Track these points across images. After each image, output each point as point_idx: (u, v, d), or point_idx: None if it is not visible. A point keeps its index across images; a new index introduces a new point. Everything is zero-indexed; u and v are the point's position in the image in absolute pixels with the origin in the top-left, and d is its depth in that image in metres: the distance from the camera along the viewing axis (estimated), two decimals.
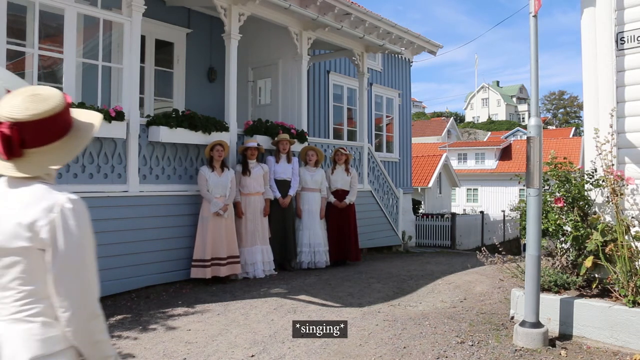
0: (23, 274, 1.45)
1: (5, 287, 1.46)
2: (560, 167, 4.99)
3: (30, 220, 1.43)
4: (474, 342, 4.30)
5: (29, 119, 1.47)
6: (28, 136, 1.48)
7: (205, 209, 6.55)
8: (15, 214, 1.45)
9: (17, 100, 1.49)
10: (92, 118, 1.65)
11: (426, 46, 13.79)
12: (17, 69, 6.56)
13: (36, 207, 1.45)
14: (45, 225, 1.43)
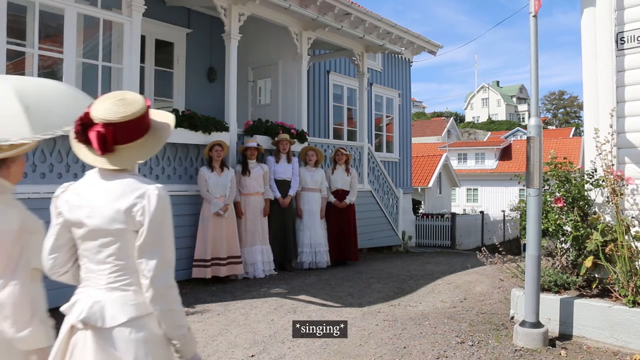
0: (118, 251, 1.76)
1: (103, 261, 1.77)
2: (560, 167, 4.99)
3: (127, 206, 1.73)
4: (474, 342, 4.31)
5: (119, 120, 1.74)
6: (118, 135, 1.75)
7: (205, 209, 6.55)
8: (113, 201, 1.74)
9: (108, 104, 1.76)
10: (167, 118, 1.91)
11: (426, 46, 13.79)
12: (17, 69, 6.56)
13: (131, 196, 1.74)
14: (139, 210, 1.73)
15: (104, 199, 1.77)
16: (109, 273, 1.77)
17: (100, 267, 1.78)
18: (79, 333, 1.74)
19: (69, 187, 1.89)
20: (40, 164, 5.32)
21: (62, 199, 1.88)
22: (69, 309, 1.80)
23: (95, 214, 1.76)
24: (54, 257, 1.90)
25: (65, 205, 1.86)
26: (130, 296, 1.76)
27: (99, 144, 1.74)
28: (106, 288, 1.77)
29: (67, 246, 1.89)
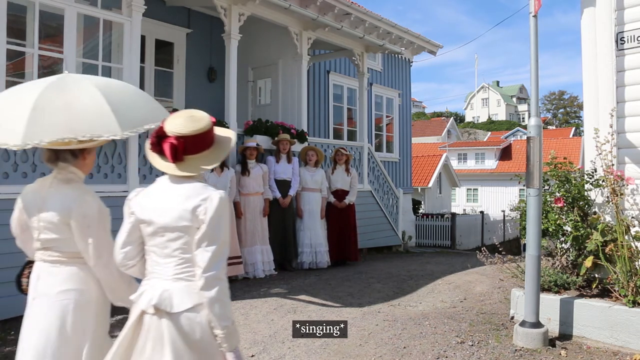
0: (184, 246, 2.04)
1: (169, 255, 2.06)
2: (560, 167, 4.99)
3: (193, 206, 2.01)
4: (474, 342, 4.31)
5: (189, 134, 2.04)
6: (188, 146, 2.05)
7: None
8: (181, 202, 2.03)
9: (180, 120, 2.07)
10: (228, 133, 2.24)
11: (426, 46, 13.80)
12: (17, 69, 6.56)
13: (197, 198, 2.03)
14: (201, 209, 2.01)
15: (173, 200, 2.06)
16: (175, 265, 2.06)
17: (166, 260, 2.07)
18: (148, 317, 2.02)
19: (140, 192, 2.18)
20: (40, 164, 5.32)
21: (135, 201, 2.15)
22: (138, 297, 2.08)
23: (165, 213, 2.05)
24: (125, 252, 2.17)
25: (137, 206, 2.13)
26: (193, 285, 2.02)
27: (171, 153, 2.05)
28: (172, 279, 2.05)
29: (136, 242, 2.16)
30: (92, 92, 2.26)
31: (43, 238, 2.35)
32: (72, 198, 2.30)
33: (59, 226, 2.29)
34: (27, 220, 2.43)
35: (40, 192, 2.42)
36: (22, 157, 5.17)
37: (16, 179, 5.10)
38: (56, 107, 2.19)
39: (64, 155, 2.38)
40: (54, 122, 2.14)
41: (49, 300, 2.30)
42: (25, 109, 2.16)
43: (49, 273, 2.35)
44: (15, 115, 2.18)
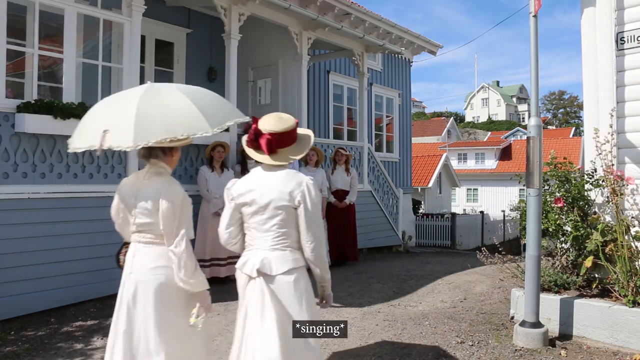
0: (281, 222, 2.58)
1: (268, 230, 2.59)
2: (560, 167, 4.99)
3: (289, 189, 2.57)
4: (474, 342, 4.31)
5: (280, 131, 2.62)
6: (279, 141, 2.63)
7: (204, 209, 6.54)
8: (279, 186, 2.58)
9: (271, 120, 2.66)
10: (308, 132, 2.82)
11: (426, 46, 13.79)
12: (17, 69, 6.56)
13: (292, 182, 2.60)
14: (298, 193, 2.57)
15: (271, 184, 2.61)
16: (272, 238, 2.59)
17: (265, 234, 2.60)
18: (253, 280, 2.58)
19: (237, 181, 2.77)
20: (41, 164, 5.32)
21: (234, 189, 2.72)
22: (243, 265, 2.66)
23: (266, 195, 2.59)
24: (229, 232, 2.75)
25: (236, 193, 2.69)
26: (287, 254, 2.59)
27: (266, 147, 2.62)
28: (270, 249, 2.59)
29: (237, 223, 2.72)
30: (180, 97, 2.67)
31: (138, 222, 2.77)
32: (162, 188, 2.71)
33: (152, 212, 2.70)
34: (124, 207, 2.87)
35: (136, 183, 2.82)
36: (22, 157, 5.17)
37: (16, 179, 5.10)
38: (154, 113, 2.61)
39: (156, 152, 2.80)
40: (155, 126, 2.56)
41: (145, 275, 2.71)
42: (129, 117, 2.58)
43: (143, 252, 2.77)
44: (122, 122, 2.60)
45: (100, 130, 2.65)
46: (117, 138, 2.58)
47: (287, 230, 2.60)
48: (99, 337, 4.50)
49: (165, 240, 2.70)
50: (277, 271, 2.55)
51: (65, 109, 5.34)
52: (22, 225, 5.06)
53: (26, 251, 5.07)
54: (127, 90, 3.07)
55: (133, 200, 2.78)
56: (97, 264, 5.66)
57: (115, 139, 2.58)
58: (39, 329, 4.73)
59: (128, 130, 2.55)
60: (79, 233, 5.51)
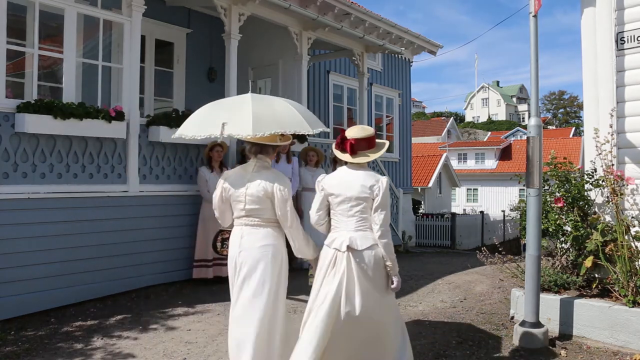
0: (362, 209, 3.18)
1: (352, 215, 3.20)
2: (560, 167, 4.99)
3: (370, 184, 3.17)
4: (474, 342, 4.30)
5: (359, 137, 3.26)
6: (361, 145, 3.26)
7: (206, 209, 6.53)
8: (360, 181, 3.19)
9: (355, 130, 3.31)
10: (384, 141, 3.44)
11: (426, 46, 13.79)
12: (17, 69, 6.56)
13: (371, 180, 3.19)
14: (376, 188, 3.17)
15: (354, 180, 3.21)
16: (356, 222, 3.21)
17: (349, 219, 3.22)
18: (340, 254, 3.16)
19: (326, 176, 3.38)
20: (40, 164, 5.32)
21: (323, 182, 3.33)
22: (332, 242, 3.25)
23: (350, 188, 3.20)
24: (319, 215, 3.39)
25: (326, 185, 3.31)
26: (368, 234, 3.19)
27: (350, 150, 3.25)
28: (354, 230, 3.20)
29: (325, 209, 3.37)
30: (286, 104, 3.49)
31: (248, 208, 3.35)
32: (272, 180, 3.34)
33: (261, 199, 3.32)
34: (229, 196, 3.43)
35: (245, 175, 3.40)
36: (22, 157, 5.17)
37: (16, 179, 5.10)
38: (267, 113, 3.34)
39: (266, 149, 3.44)
40: (269, 122, 3.27)
41: (254, 251, 3.34)
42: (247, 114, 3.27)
43: (250, 233, 3.36)
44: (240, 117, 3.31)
45: (219, 123, 3.34)
46: (236, 128, 3.31)
47: (367, 216, 3.20)
48: (99, 337, 4.50)
49: (282, 223, 3.39)
50: (362, 247, 3.16)
51: (65, 109, 5.34)
52: (22, 225, 5.06)
53: (26, 251, 5.07)
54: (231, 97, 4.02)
55: (243, 189, 3.36)
56: (97, 264, 5.66)
57: (235, 129, 3.32)
58: (39, 329, 4.73)
59: (247, 123, 3.24)
60: (79, 233, 5.51)
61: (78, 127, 5.48)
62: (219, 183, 3.51)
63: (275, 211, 3.34)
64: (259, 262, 3.35)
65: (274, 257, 3.40)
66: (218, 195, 3.49)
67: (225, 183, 3.46)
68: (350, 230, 3.20)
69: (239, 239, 3.39)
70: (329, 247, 3.28)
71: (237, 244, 3.39)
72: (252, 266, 3.36)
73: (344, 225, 3.24)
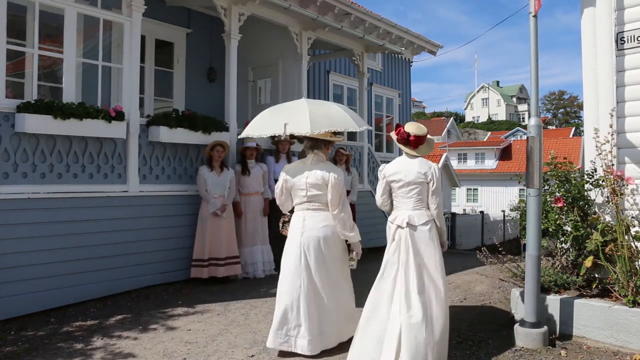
0: (419, 192, 3.85)
1: (410, 197, 3.85)
2: (560, 167, 4.99)
3: (424, 171, 3.83)
4: (474, 342, 4.30)
5: (419, 135, 3.90)
6: (418, 141, 3.91)
7: (204, 209, 6.54)
8: (416, 168, 3.85)
9: (414, 127, 3.95)
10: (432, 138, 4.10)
11: (426, 46, 13.78)
12: (17, 69, 6.56)
13: (425, 166, 3.87)
14: (430, 174, 3.84)
15: (411, 167, 3.89)
16: (414, 202, 3.89)
17: (408, 200, 3.90)
18: (401, 229, 3.85)
19: (386, 165, 4.03)
20: (40, 164, 5.32)
21: (385, 170, 3.99)
22: (394, 219, 3.91)
23: (409, 175, 3.87)
24: (383, 198, 4.04)
25: (388, 173, 3.97)
26: (423, 212, 3.88)
27: (412, 144, 3.94)
28: (412, 209, 3.88)
29: (387, 192, 4.02)
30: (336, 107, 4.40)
31: (309, 194, 4.08)
32: (328, 170, 4.09)
33: (321, 186, 4.04)
34: (290, 186, 4.15)
35: (304, 167, 4.14)
36: (22, 157, 5.17)
37: (16, 179, 5.10)
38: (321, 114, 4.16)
39: (320, 144, 4.18)
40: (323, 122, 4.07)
41: (316, 231, 4.03)
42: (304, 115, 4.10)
43: (312, 216, 4.08)
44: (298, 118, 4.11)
45: (281, 123, 4.14)
46: (297, 128, 4.09)
47: (422, 197, 3.89)
48: (99, 337, 4.50)
49: (331, 205, 4.04)
50: (418, 222, 3.83)
51: (65, 109, 5.34)
52: (22, 225, 5.06)
53: (26, 251, 5.07)
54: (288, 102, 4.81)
55: (304, 179, 4.08)
56: (97, 264, 5.66)
57: (295, 128, 4.10)
58: (38, 329, 4.73)
59: (305, 123, 4.04)
60: (79, 233, 5.51)
61: (78, 127, 5.48)
62: (280, 176, 4.21)
63: (329, 196, 4.03)
64: (322, 239, 4.03)
65: (333, 234, 4.08)
66: (280, 186, 4.20)
67: (286, 175, 4.17)
68: (409, 209, 3.88)
69: (302, 221, 4.08)
70: (392, 224, 3.94)
71: (301, 226, 4.07)
72: (318, 244, 4.02)
73: (404, 205, 3.91)
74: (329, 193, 4.01)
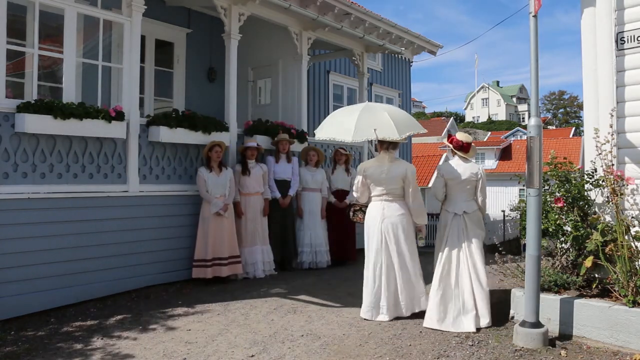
0: (470, 188, 4.98)
1: (465, 191, 4.96)
2: (560, 167, 4.99)
3: (475, 171, 4.97)
4: (474, 342, 4.31)
5: (469, 142, 5.06)
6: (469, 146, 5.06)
7: (205, 210, 6.54)
8: (469, 170, 4.96)
9: (465, 136, 5.10)
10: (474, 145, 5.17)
11: (426, 46, 13.76)
12: (17, 69, 6.57)
13: (475, 168, 5.00)
14: (479, 174, 4.99)
15: (465, 169, 4.93)
16: (466, 196, 4.94)
17: (463, 194, 4.93)
18: (458, 216, 4.88)
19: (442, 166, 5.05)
20: (40, 164, 5.32)
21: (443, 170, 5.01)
22: (451, 208, 4.92)
23: (464, 174, 4.89)
24: (443, 191, 4.99)
25: (445, 172, 4.96)
26: (473, 203, 4.95)
27: (464, 149, 5.00)
28: (465, 201, 4.93)
29: (444, 188, 4.99)
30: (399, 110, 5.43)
31: (388, 188, 4.97)
32: (404, 167, 5.05)
33: (397, 181, 4.96)
34: (369, 182, 5.02)
35: (382, 165, 4.99)
36: (22, 157, 5.17)
37: (16, 179, 5.10)
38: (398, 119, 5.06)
39: (394, 145, 5.06)
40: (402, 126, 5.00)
41: (394, 219, 4.96)
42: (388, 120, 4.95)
43: (389, 206, 4.99)
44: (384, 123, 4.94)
45: (371, 128, 4.87)
46: (386, 132, 4.88)
47: (472, 191, 4.97)
48: (99, 337, 4.50)
49: (408, 196, 4.98)
50: (471, 210, 4.94)
51: (65, 109, 5.33)
52: (22, 225, 5.06)
53: (26, 251, 5.07)
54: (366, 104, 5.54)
55: (384, 175, 4.96)
56: (97, 264, 5.66)
57: (385, 133, 4.88)
58: (38, 329, 4.73)
59: (392, 128, 4.87)
60: (79, 233, 5.51)
61: (78, 127, 5.48)
62: (359, 172, 5.07)
63: (406, 188, 4.97)
64: (399, 225, 4.95)
65: (408, 221, 5.02)
66: (360, 181, 5.05)
67: (365, 172, 5.03)
68: (463, 201, 4.93)
69: (381, 210, 4.98)
70: (447, 212, 4.97)
71: (380, 214, 4.97)
72: (396, 229, 4.93)
73: (459, 198, 4.94)
74: (407, 186, 4.96)
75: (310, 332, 4.62)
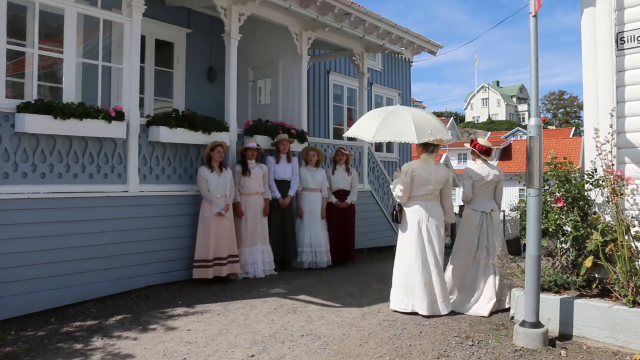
0: (492, 188, 5.59)
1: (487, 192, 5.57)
2: (560, 167, 4.99)
3: (497, 173, 5.58)
4: (474, 342, 4.31)
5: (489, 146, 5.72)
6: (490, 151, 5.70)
7: (206, 210, 6.54)
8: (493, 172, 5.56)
9: (486, 141, 5.75)
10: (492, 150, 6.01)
11: (426, 46, 13.76)
12: (17, 69, 6.56)
13: (496, 170, 5.63)
14: (499, 175, 5.60)
15: (490, 171, 5.52)
16: (489, 195, 5.56)
17: (487, 194, 5.54)
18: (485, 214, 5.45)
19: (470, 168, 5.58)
20: (41, 164, 5.32)
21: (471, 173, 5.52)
22: (480, 207, 5.47)
23: (489, 176, 5.50)
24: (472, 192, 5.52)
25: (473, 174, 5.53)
26: (494, 202, 5.59)
27: (487, 152, 5.64)
28: (489, 200, 5.54)
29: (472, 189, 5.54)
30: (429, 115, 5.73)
31: (432, 188, 5.28)
32: (446, 170, 5.46)
33: (442, 182, 5.33)
34: (415, 182, 5.23)
35: (429, 166, 5.28)
36: (22, 157, 5.17)
37: (16, 179, 5.10)
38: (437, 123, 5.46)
39: (434, 148, 5.37)
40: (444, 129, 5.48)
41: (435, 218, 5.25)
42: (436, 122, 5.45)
43: (433, 205, 5.30)
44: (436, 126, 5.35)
45: (427, 131, 5.15)
46: (440, 134, 5.24)
47: (493, 192, 5.56)
48: (99, 337, 4.50)
49: (448, 197, 5.44)
50: (492, 209, 5.49)
51: (65, 109, 5.33)
52: (22, 225, 5.06)
53: (26, 251, 5.07)
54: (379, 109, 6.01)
55: (432, 176, 5.25)
56: (96, 264, 5.66)
57: (439, 135, 5.23)
58: (38, 329, 4.73)
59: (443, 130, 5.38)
60: (79, 233, 5.51)
61: (78, 127, 5.48)
62: (407, 173, 5.23)
63: (444, 189, 5.37)
64: (440, 225, 5.28)
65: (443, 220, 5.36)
66: (409, 182, 5.23)
67: (414, 173, 5.23)
68: (487, 201, 5.49)
69: (425, 209, 5.24)
70: (475, 211, 5.44)
71: (425, 213, 5.23)
72: (436, 227, 5.24)
73: (484, 198, 5.48)
74: (445, 187, 5.37)
75: (310, 332, 4.62)
